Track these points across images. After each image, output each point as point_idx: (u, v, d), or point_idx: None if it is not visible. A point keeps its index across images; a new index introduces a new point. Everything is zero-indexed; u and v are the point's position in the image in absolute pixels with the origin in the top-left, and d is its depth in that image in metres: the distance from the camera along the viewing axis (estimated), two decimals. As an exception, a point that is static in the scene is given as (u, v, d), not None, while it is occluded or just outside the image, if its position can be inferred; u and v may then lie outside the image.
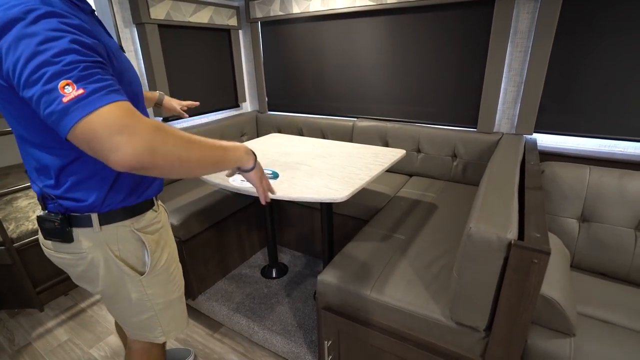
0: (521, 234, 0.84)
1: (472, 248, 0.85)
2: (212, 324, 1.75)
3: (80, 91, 0.58)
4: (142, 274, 0.89)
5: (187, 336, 1.69)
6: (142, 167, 0.61)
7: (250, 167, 0.86)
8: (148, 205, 0.90)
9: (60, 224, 0.79)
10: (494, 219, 0.86)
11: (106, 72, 0.64)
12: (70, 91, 0.58)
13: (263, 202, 0.97)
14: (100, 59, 0.64)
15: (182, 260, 1.65)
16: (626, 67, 1.50)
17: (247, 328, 1.63)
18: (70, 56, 0.59)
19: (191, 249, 1.71)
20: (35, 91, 0.59)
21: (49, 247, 0.86)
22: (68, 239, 0.81)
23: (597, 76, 1.57)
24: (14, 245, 1.71)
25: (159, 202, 0.99)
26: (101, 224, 0.81)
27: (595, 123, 1.62)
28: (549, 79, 1.66)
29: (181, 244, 1.65)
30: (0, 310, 1.89)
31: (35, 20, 0.60)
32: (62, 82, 0.58)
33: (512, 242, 0.79)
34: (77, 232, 0.81)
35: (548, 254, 0.75)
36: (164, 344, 1.12)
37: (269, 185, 0.97)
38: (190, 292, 1.76)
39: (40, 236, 0.86)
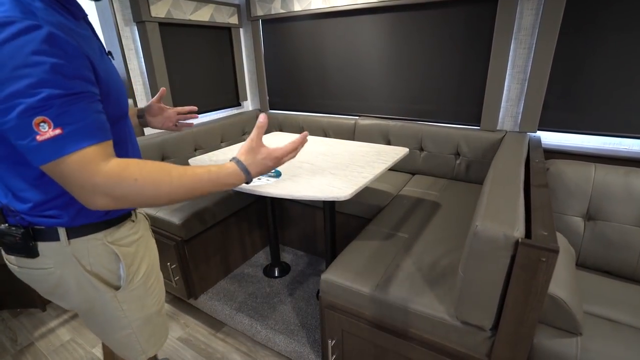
0: (528, 232, 0.83)
1: (478, 246, 0.84)
2: (215, 324, 1.75)
3: (58, 131, 0.56)
4: (117, 288, 0.82)
5: (190, 335, 1.68)
6: (113, 207, 0.63)
7: (240, 183, 0.75)
8: (125, 216, 0.84)
9: (22, 239, 0.72)
10: (500, 216, 0.85)
11: (87, 103, 0.60)
12: (46, 130, 0.56)
13: (303, 143, 0.82)
14: (81, 90, 0.59)
15: (184, 260, 1.67)
16: (631, 64, 1.48)
17: (249, 327, 1.62)
18: (48, 90, 0.55)
19: (193, 248, 1.70)
20: (6, 121, 0.55)
21: (12, 262, 0.79)
22: (32, 253, 0.74)
23: (601, 73, 1.55)
24: (16, 244, 1.70)
25: (139, 211, 0.94)
26: (70, 237, 0.74)
27: (600, 120, 1.61)
28: (553, 76, 1.64)
29: (183, 244, 1.64)
30: (2, 310, 1.89)
31: (12, 37, 0.53)
32: (37, 119, 0.55)
33: (520, 240, 0.78)
34: (42, 246, 0.74)
35: (556, 252, 0.74)
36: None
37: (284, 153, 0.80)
38: (192, 292, 1.76)
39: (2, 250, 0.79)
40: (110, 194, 0.61)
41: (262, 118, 0.77)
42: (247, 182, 0.75)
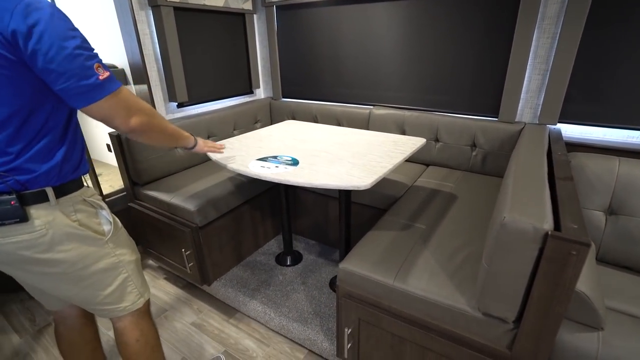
0: (555, 225, 0.82)
1: (505, 238, 0.82)
2: (228, 310, 1.77)
3: (107, 73, 0.79)
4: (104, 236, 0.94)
5: (203, 321, 1.70)
6: (141, 131, 0.88)
7: (191, 146, 1.23)
8: (81, 182, 0.94)
9: (18, 201, 0.77)
10: (528, 209, 0.84)
11: None
12: (102, 72, 0.78)
13: (221, 151, 1.42)
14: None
15: (198, 246, 1.68)
16: (660, 55, 1.44)
17: (263, 314, 1.63)
18: (89, 45, 0.78)
19: (207, 235, 1.71)
20: (73, 67, 0.73)
21: None
22: (25, 217, 0.79)
23: (628, 65, 1.50)
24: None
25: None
26: (57, 196, 0.84)
27: (624, 113, 1.57)
28: (577, 67, 1.60)
29: (198, 230, 1.65)
30: (20, 291, 1.92)
31: (55, 10, 0.74)
32: (96, 64, 0.77)
33: (550, 233, 0.77)
34: (32, 210, 0.80)
35: (588, 245, 0.73)
36: (150, 316, 1.11)
37: (213, 144, 1.37)
38: (206, 278, 1.77)
39: None
40: (148, 114, 0.88)
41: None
42: (194, 145, 1.26)
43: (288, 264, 1.96)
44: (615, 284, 1.20)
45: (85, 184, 0.96)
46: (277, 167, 1.30)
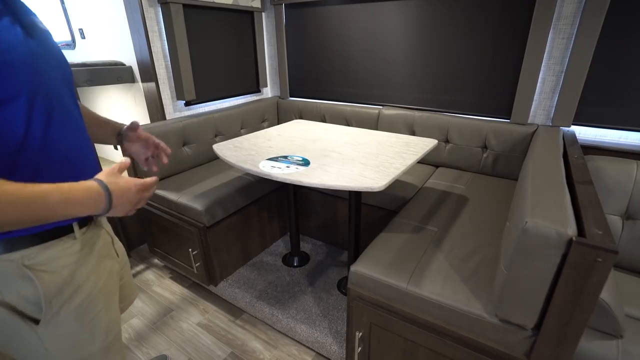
0: (579, 231, 0.79)
1: (527, 244, 0.80)
2: (234, 311, 1.75)
3: None
4: (37, 321, 0.66)
5: (209, 321, 1.68)
6: None
7: (100, 212, 0.63)
8: (57, 233, 0.67)
9: None
10: (550, 213, 0.81)
11: None
12: None
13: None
14: None
15: (205, 246, 1.66)
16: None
17: (270, 316, 1.61)
18: None
19: (215, 235, 1.69)
20: None
21: None
22: None
23: (645, 66, 1.48)
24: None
25: (105, 228, 0.79)
26: None
27: (641, 116, 1.54)
28: (592, 69, 1.56)
29: (205, 230, 1.63)
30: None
31: None
32: None
33: (574, 239, 0.74)
34: None
35: (616, 252, 0.70)
36: None
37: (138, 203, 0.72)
38: (213, 278, 1.75)
39: None
40: None
41: (126, 160, 0.72)
42: (106, 210, 0.63)
43: (295, 264, 1.94)
44: (632, 290, 1.17)
45: (73, 233, 0.69)
46: (288, 167, 1.28)
